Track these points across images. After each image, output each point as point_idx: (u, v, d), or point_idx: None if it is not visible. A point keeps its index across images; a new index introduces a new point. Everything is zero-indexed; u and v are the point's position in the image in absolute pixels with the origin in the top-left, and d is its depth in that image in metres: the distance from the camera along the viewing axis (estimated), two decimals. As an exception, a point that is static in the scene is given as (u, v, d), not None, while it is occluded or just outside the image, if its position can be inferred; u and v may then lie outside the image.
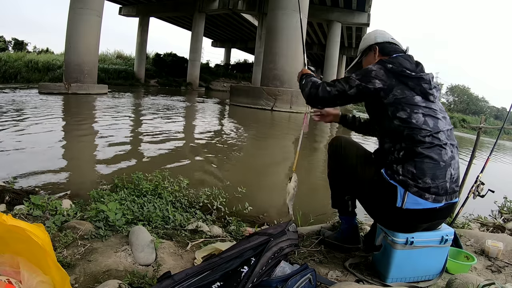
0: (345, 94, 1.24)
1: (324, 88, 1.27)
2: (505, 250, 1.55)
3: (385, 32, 1.42)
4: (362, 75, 1.23)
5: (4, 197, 1.78)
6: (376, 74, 1.21)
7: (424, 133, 1.15)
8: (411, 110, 1.17)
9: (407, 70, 1.21)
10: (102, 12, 10.86)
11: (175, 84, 22.32)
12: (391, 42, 1.37)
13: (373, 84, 1.20)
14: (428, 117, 1.18)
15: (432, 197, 1.14)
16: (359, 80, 1.22)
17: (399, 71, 1.21)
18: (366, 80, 1.21)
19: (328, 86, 1.27)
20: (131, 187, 1.93)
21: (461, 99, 37.01)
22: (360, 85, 1.22)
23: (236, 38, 34.93)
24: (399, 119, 1.18)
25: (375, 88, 1.20)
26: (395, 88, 1.19)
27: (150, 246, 1.30)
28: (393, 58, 1.27)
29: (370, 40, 1.41)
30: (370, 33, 1.45)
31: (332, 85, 1.27)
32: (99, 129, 5.08)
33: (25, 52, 19.80)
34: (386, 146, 1.23)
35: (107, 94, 11.21)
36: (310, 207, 2.12)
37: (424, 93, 1.20)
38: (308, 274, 1.08)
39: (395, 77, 1.21)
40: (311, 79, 1.35)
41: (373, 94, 1.21)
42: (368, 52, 1.41)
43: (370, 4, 19.05)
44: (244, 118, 8.51)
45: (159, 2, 21.87)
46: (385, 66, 1.22)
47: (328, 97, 1.26)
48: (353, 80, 1.23)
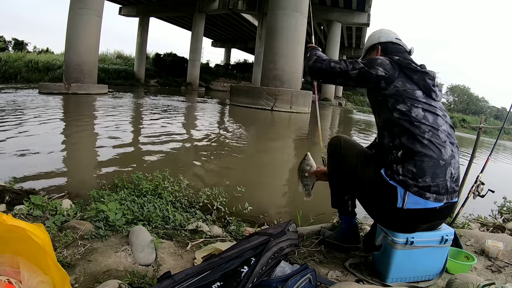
0: (347, 74, 1.27)
1: (329, 63, 1.32)
2: (505, 250, 1.55)
3: (390, 31, 1.43)
4: (368, 60, 1.27)
5: (4, 197, 1.78)
6: (381, 63, 1.24)
7: (424, 128, 1.15)
8: (411, 103, 1.18)
9: (413, 63, 1.24)
10: (102, 12, 10.86)
11: (175, 84, 22.32)
12: (394, 43, 1.39)
13: (376, 70, 1.23)
14: (428, 112, 1.18)
15: (433, 196, 1.14)
16: (364, 64, 1.26)
17: (405, 64, 1.23)
18: (370, 65, 1.24)
19: (333, 62, 1.31)
20: (131, 187, 1.93)
21: (461, 99, 37.02)
22: (363, 69, 1.25)
23: (236, 38, 34.93)
24: (399, 112, 1.18)
25: (377, 75, 1.22)
26: (397, 80, 1.21)
27: (150, 246, 1.30)
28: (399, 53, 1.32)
29: (374, 39, 1.43)
30: (375, 32, 1.47)
31: (337, 62, 1.31)
32: (99, 129, 5.08)
33: (25, 52, 19.80)
34: (385, 141, 1.22)
35: (107, 94, 11.20)
36: (310, 207, 2.11)
37: (428, 88, 1.21)
38: (308, 274, 1.08)
39: (400, 69, 1.23)
40: (316, 53, 1.39)
41: (374, 81, 1.23)
42: (372, 51, 1.43)
43: (370, 4, 19.06)
44: (244, 118, 8.51)
45: (159, 2, 21.87)
46: (392, 58, 1.26)
47: (330, 72, 1.30)
48: (358, 63, 1.27)
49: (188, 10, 21.37)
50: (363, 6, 18.97)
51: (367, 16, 19.65)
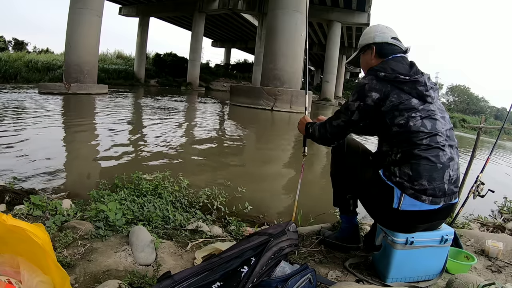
0: (351, 121, 1.28)
1: (331, 124, 1.33)
2: (505, 250, 1.55)
3: (386, 30, 1.37)
4: (358, 94, 1.24)
5: (4, 197, 1.78)
6: (369, 87, 1.21)
7: (422, 135, 1.15)
8: (408, 115, 1.16)
9: (401, 75, 1.20)
10: (102, 12, 10.85)
11: (175, 84, 22.32)
12: (390, 43, 1.33)
13: (371, 97, 1.20)
14: (426, 119, 1.17)
15: (429, 199, 1.14)
16: (356, 100, 1.24)
17: (392, 78, 1.20)
18: (363, 97, 1.22)
19: (333, 121, 1.32)
20: (131, 187, 1.93)
21: (461, 99, 37.02)
22: (360, 105, 1.23)
23: (236, 38, 34.92)
24: (397, 126, 1.17)
25: (373, 100, 1.20)
26: (391, 94, 1.19)
27: (150, 246, 1.30)
28: (384, 64, 1.26)
29: (369, 38, 1.37)
30: (370, 29, 1.40)
31: (336, 117, 1.32)
32: (99, 129, 5.08)
33: (25, 52, 19.77)
34: (384, 149, 1.24)
35: (107, 94, 11.20)
36: (310, 207, 2.11)
37: (421, 95, 1.19)
38: (308, 274, 1.08)
39: (389, 84, 1.20)
40: (315, 124, 1.43)
41: (375, 108, 1.21)
42: (366, 50, 1.39)
43: (370, 4, 19.05)
44: (244, 118, 8.51)
45: (159, 2, 21.86)
46: (377, 75, 1.22)
47: (337, 131, 1.32)
48: (351, 104, 1.26)
49: (188, 10, 21.37)
50: (363, 6, 18.96)
51: (367, 16, 19.63)
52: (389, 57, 1.30)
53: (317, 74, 44.30)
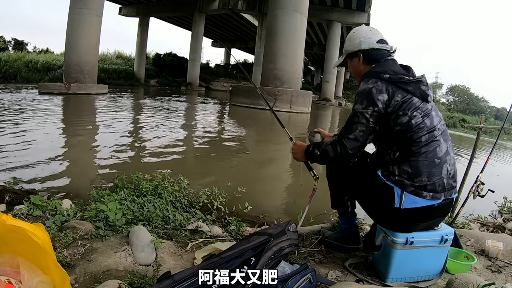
0: (370, 129, 1.20)
1: (347, 138, 1.21)
2: (505, 250, 1.55)
3: (370, 33, 1.32)
4: (366, 100, 1.19)
5: (4, 197, 1.79)
6: (377, 90, 1.19)
7: (421, 132, 1.16)
8: (411, 113, 1.17)
9: (405, 76, 1.21)
10: (102, 12, 10.86)
11: (175, 84, 22.31)
12: (377, 48, 1.30)
13: (380, 100, 1.18)
14: (425, 117, 1.19)
15: (429, 195, 1.15)
16: (368, 106, 1.19)
17: (397, 79, 1.20)
18: (373, 102, 1.18)
19: (349, 135, 1.21)
20: (131, 187, 1.93)
21: (461, 99, 37.04)
22: (374, 111, 1.18)
23: (236, 38, 34.91)
24: (399, 125, 1.18)
25: (383, 103, 1.18)
26: (395, 95, 1.19)
27: (150, 246, 1.30)
28: (383, 66, 1.25)
29: (355, 45, 1.33)
30: (355, 34, 1.34)
31: (350, 130, 1.21)
32: (99, 129, 5.08)
33: (25, 52, 19.74)
34: (382, 149, 1.25)
35: (107, 94, 11.20)
36: (310, 207, 2.11)
37: (424, 94, 1.21)
38: (308, 274, 1.08)
39: (394, 85, 1.20)
40: (324, 144, 1.29)
41: (386, 108, 1.19)
42: (353, 57, 1.35)
43: (370, 4, 19.06)
44: (244, 118, 8.51)
45: (159, 2, 21.86)
46: (381, 77, 1.21)
47: (358, 144, 1.21)
48: (364, 112, 1.19)
49: (188, 10, 21.37)
50: (363, 6, 18.96)
51: (367, 16, 19.63)
52: (380, 62, 1.29)
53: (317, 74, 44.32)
